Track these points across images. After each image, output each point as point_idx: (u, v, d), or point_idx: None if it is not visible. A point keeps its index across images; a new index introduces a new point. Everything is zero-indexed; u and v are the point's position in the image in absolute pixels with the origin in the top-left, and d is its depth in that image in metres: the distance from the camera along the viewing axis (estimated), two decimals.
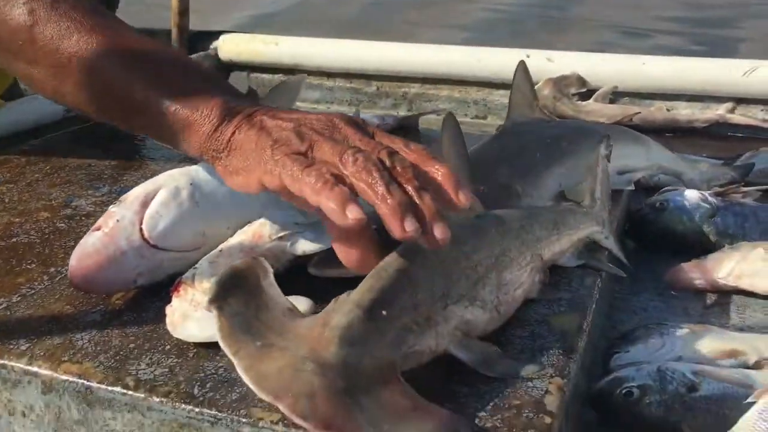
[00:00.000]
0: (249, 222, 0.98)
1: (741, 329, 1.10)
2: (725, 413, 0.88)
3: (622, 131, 1.32)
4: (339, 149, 0.69)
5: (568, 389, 0.76)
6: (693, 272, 1.24)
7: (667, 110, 2.02)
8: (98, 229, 0.90)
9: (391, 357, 0.67)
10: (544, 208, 1.00)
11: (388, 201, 0.65)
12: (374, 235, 0.71)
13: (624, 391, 0.91)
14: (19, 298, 0.89)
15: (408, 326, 0.69)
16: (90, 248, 0.88)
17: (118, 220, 0.90)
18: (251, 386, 0.63)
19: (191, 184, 0.96)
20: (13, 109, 1.62)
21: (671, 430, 0.87)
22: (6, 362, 0.78)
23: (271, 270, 0.71)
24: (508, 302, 0.83)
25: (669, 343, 1.02)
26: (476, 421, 0.69)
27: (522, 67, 1.19)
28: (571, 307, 0.90)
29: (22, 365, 0.78)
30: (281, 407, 0.62)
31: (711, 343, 1.02)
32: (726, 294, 1.23)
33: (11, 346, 0.80)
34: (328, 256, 0.92)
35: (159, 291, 0.91)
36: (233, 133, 0.76)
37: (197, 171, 0.99)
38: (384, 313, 0.67)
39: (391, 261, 0.73)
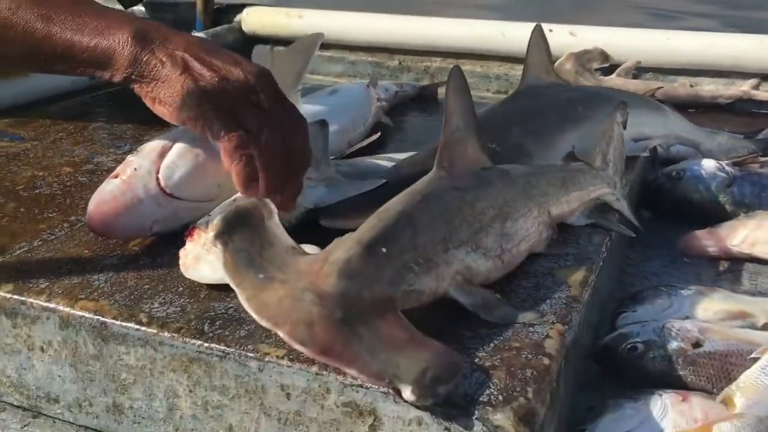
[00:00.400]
0: None
1: (753, 295, 1.10)
2: (728, 369, 0.89)
3: (640, 99, 1.32)
4: (257, 123, 0.84)
5: (569, 336, 0.77)
6: (706, 239, 1.25)
7: (691, 86, 2.01)
8: (116, 176, 0.92)
9: (389, 292, 0.68)
10: (553, 165, 1.00)
11: (267, 179, 0.85)
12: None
13: (628, 346, 0.92)
14: (40, 243, 0.93)
15: (407, 265, 0.71)
16: (108, 195, 0.90)
17: (135, 169, 0.92)
18: (252, 314, 0.65)
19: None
20: (37, 78, 1.66)
21: (674, 383, 0.88)
22: (26, 299, 0.81)
23: (275, 210, 0.73)
24: (512, 253, 0.84)
25: (676, 303, 1.02)
26: (476, 360, 0.71)
27: (538, 30, 1.19)
28: (578, 262, 0.91)
29: (41, 302, 0.81)
30: (280, 333, 0.64)
31: (719, 304, 1.03)
32: (739, 261, 1.23)
33: (31, 285, 0.83)
34: (339, 209, 0.95)
35: (174, 239, 0.93)
36: (155, 65, 0.85)
37: None
38: (384, 250, 0.69)
39: (394, 204, 0.75)
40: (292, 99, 1.08)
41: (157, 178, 0.92)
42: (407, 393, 0.63)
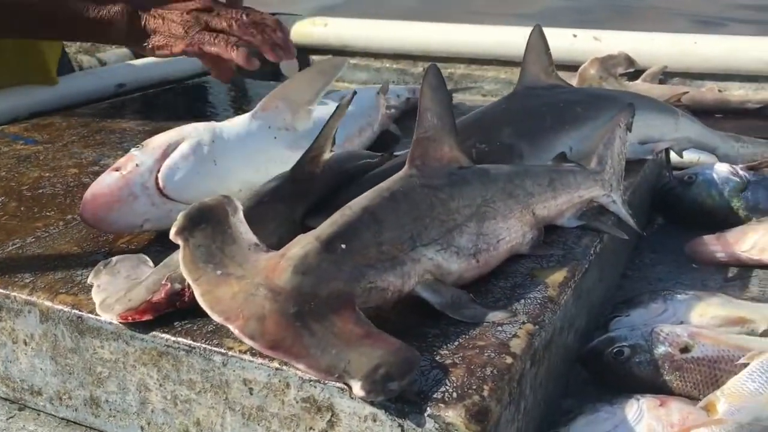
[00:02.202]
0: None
1: (760, 302, 1.07)
2: (717, 375, 0.86)
3: (648, 101, 1.29)
4: (226, 22, 1.24)
5: (540, 337, 0.76)
6: (714, 245, 1.21)
7: (719, 91, 1.96)
8: (117, 169, 0.94)
9: (348, 288, 0.68)
10: (541, 166, 0.99)
11: (251, 41, 1.24)
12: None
13: (615, 350, 0.90)
14: (32, 240, 0.95)
15: (369, 262, 0.71)
16: (105, 188, 0.92)
17: (137, 165, 0.93)
18: (206, 309, 0.66)
19: (213, 141, 0.99)
20: (66, 83, 1.71)
21: (660, 388, 0.86)
22: (10, 293, 0.84)
23: (240, 207, 0.74)
24: (489, 253, 0.83)
25: (672, 308, 1.00)
26: (437, 357, 0.70)
27: (537, 30, 1.18)
28: (561, 264, 0.89)
29: (24, 296, 0.83)
30: (231, 328, 0.64)
31: (716, 310, 0.99)
32: (748, 268, 1.19)
33: (17, 279, 0.85)
34: (324, 209, 0.95)
35: (163, 238, 0.95)
36: (146, 21, 1.25)
37: (222, 129, 1.03)
38: (343, 246, 0.69)
39: (359, 200, 0.75)
40: (304, 115, 1.12)
41: (157, 178, 0.93)
42: (357, 388, 0.63)
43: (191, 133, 0.99)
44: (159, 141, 0.97)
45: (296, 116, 1.11)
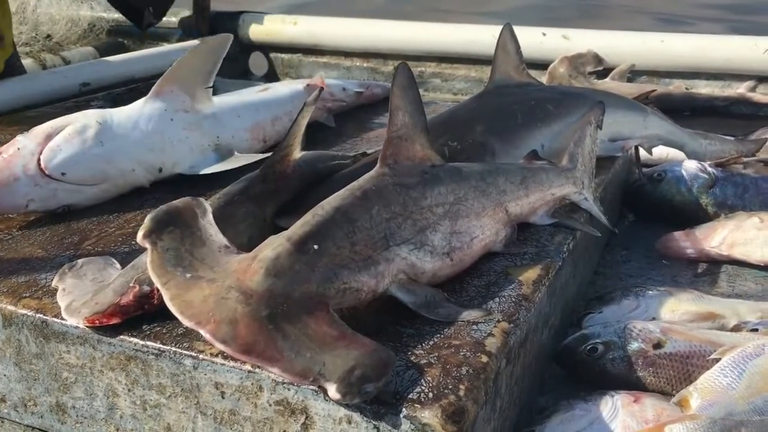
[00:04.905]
0: (159, 165, 1.08)
1: (729, 297, 1.08)
2: (689, 370, 0.86)
3: (618, 99, 1.29)
4: None
5: (515, 335, 0.75)
6: (684, 241, 1.22)
7: (686, 89, 1.98)
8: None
9: (321, 290, 0.67)
10: (513, 164, 0.98)
11: None
12: None
13: (588, 347, 0.90)
14: None
15: (343, 263, 0.69)
16: None
17: (19, 149, 0.98)
18: (176, 313, 0.64)
19: (100, 123, 1.04)
20: (30, 81, 1.67)
21: (633, 384, 0.86)
22: None
23: (209, 209, 0.72)
24: (464, 251, 0.83)
25: (644, 304, 1.00)
26: (412, 357, 0.69)
27: (507, 28, 1.17)
28: (535, 261, 0.89)
29: None
30: (203, 333, 0.63)
31: (688, 306, 1.00)
32: (718, 263, 1.20)
33: None
34: (294, 209, 0.94)
35: (130, 239, 0.93)
36: None
37: (112, 114, 1.07)
38: (315, 247, 0.68)
39: (331, 200, 0.74)
40: (202, 96, 1.15)
41: (38, 160, 0.97)
42: (332, 391, 0.61)
43: (78, 118, 1.04)
44: (44, 126, 1.02)
45: (195, 98, 1.14)
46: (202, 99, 1.15)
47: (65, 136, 1.00)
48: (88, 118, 1.04)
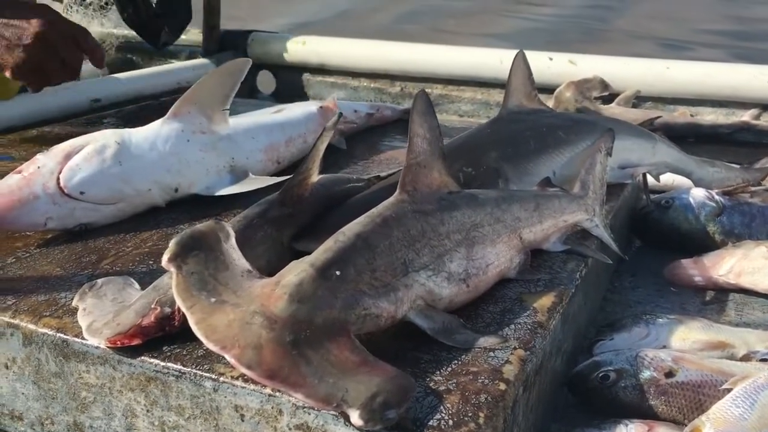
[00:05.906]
0: (175, 186, 1.10)
1: (737, 326, 1.09)
2: (701, 399, 0.87)
3: (627, 126, 1.31)
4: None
5: (531, 362, 0.76)
6: (692, 269, 1.23)
7: (691, 115, 2.00)
8: (19, 172, 0.99)
9: (343, 316, 0.68)
10: (527, 191, 1.00)
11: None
12: None
13: (601, 375, 0.91)
14: (13, 260, 0.93)
15: (363, 289, 0.70)
16: (5, 188, 0.97)
17: (39, 167, 0.99)
18: (201, 338, 0.65)
19: (119, 143, 1.05)
20: (42, 97, 1.68)
21: (645, 413, 0.87)
22: None
23: (233, 233, 0.73)
24: (479, 277, 0.84)
25: (654, 332, 1.01)
26: (431, 384, 0.70)
27: (520, 56, 1.19)
28: (549, 288, 0.90)
29: (6, 318, 0.81)
30: (228, 357, 0.64)
31: (698, 334, 1.01)
32: (725, 292, 1.21)
33: None
34: (312, 233, 0.95)
35: (148, 259, 0.94)
36: None
37: (130, 134, 1.09)
38: (338, 273, 0.69)
39: (352, 226, 0.75)
40: (219, 119, 1.17)
41: (58, 179, 0.99)
42: (355, 417, 0.62)
43: (97, 138, 1.05)
44: (64, 145, 1.03)
45: (212, 120, 1.16)
46: (219, 121, 1.16)
47: (84, 155, 1.01)
48: (107, 137, 1.05)
